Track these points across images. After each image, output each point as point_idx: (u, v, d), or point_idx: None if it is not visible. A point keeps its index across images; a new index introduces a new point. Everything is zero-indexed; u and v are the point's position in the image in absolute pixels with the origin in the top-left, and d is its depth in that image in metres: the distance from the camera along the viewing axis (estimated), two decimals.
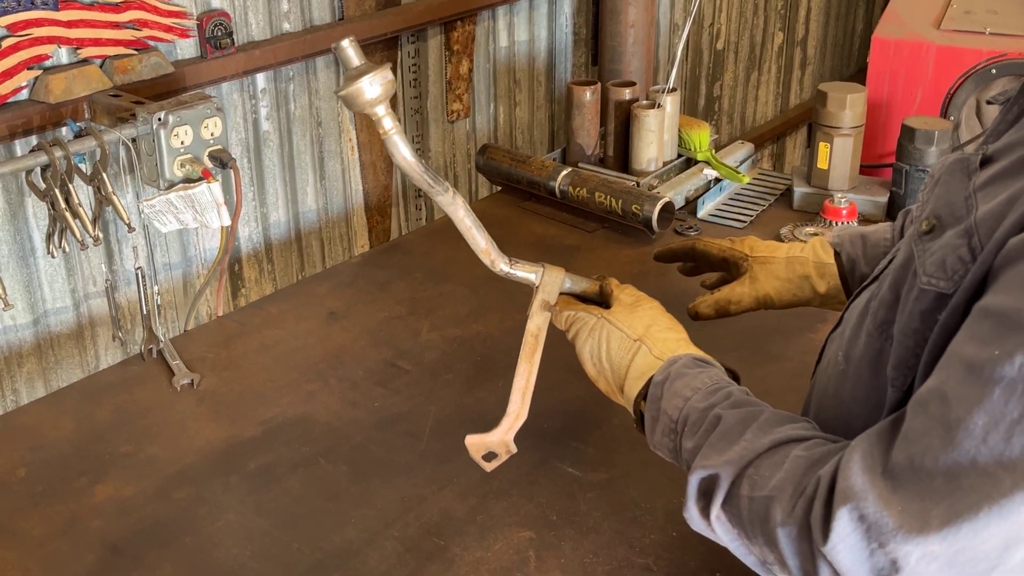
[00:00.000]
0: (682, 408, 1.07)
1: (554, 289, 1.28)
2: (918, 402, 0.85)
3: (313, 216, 2.44)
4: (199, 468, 1.57)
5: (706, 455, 0.99)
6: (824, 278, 1.45)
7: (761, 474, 0.94)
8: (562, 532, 1.43)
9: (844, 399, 1.05)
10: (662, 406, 1.10)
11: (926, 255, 0.90)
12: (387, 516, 1.46)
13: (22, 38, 1.77)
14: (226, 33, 2.06)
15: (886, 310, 0.97)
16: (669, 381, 1.10)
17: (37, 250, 1.93)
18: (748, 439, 0.97)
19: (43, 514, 1.48)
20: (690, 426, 1.05)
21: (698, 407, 1.05)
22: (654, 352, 1.15)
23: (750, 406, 1.03)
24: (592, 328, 1.21)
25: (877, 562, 0.83)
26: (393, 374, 1.79)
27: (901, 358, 0.93)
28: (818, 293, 1.45)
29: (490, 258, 1.25)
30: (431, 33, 2.58)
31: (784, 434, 0.97)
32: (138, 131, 1.71)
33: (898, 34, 2.67)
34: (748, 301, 1.47)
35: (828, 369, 1.11)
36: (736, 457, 0.96)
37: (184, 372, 1.77)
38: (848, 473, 0.86)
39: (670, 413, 1.08)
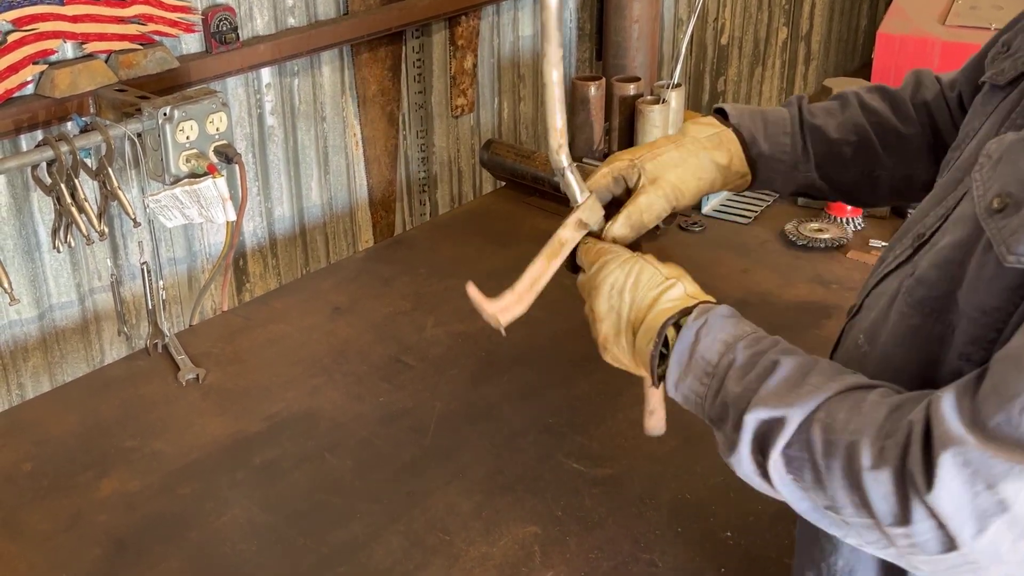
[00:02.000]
0: (724, 352, 1.02)
1: (595, 217, 1.21)
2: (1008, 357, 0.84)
3: (317, 211, 2.44)
4: (204, 463, 1.57)
5: (764, 399, 0.96)
6: (722, 148, 1.30)
7: (835, 417, 0.92)
8: (567, 527, 1.43)
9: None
10: (697, 349, 1.04)
11: (1005, 233, 0.88)
12: (392, 511, 1.47)
13: (27, 33, 1.77)
14: (231, 28, 2.06)
15: (927, 288, 0.97)
16: (707, 327, 1.04)
17: (42, 245, 1.93)
18: (813, 383, 0.95)
19: (48, 508, 1.48)
20: (737, 370, 1.01)
21: (746, 352, 1.01)
22: (690, 292, 1.09)
23: (800, 352, 1.01)
24: (625, 260, 1.13)
25: (982, 503, 0.83)
26: (398, 369, 1.79)
27: (976, 335, 0.92)
28: (721, 165, 1.30)
29: (559, 141, 1.15)
30: (435, 28, 2.57)
31: (851, 380, 0.95)
32: (143, 126, 1.71)
33: (903, 30, 2.66)
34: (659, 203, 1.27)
35: (847, 354, 1.10)
36: (803, 400, 0.94)
37: (189, 367, 1.77)
38: (942, 420, 0.85)
39: (708, 357, 1.03)
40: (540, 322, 1.93)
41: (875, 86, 1.39)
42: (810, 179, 1.34)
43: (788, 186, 1.36)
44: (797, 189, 1.37)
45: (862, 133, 1.32)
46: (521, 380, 1.75)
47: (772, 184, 1.36)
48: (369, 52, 2.41)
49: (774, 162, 1.33)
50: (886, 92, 1.37)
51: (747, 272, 2.07)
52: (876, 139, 1.32)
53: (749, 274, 2.07)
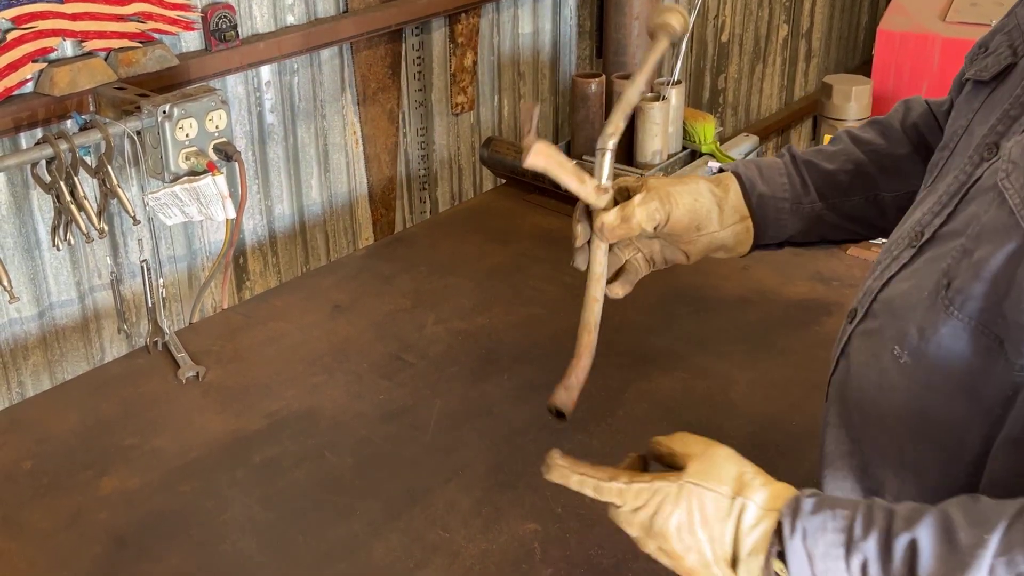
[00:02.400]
0: (849, 555, 0.92)
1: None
2: None
3: (317, 209, 2.44)
4: (205, 461, 1.57)
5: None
6: (720, 184, 1.34)
7: (1020, 570, 0.84)
8: (567, 525, 1.43)
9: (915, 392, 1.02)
10: (817, 566, 0.94)
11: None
12: (392, 508, 1.47)
13: (27, 31, 1.77)
14: (230, 26, 2.06)
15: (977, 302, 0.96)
16: (811, 539, 0.94)
17: (42, 243, 1.93)
18: (967, 544, 0.87)
19: (49, 506, 1.48)
20: (876, 568, 0.91)
21: (872, 545, 0.91)
22: (762, 504, 0.98)
23: (924, 514, 0.91)
24: (678, 496, 1.00)
25: None
26: (398, 367, 1.79)
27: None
28: (718, 195, 1.32)
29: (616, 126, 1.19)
30: (435, 26, 2.57)
31: (995, 520, 0.87)
32: (143, 124, 1.71)
33: (904, 26, 2.66)
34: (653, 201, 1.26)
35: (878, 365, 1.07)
36: (970, 569, 0.86)
37: (189, 365, 1.77)
38: None
39: (835, 566, 0.93)
40: (540, 320, 1.94)
41: (867, 120, 1.42)
42: (816, 211, 1.35)
43: (798, 224, 1.35)
44: (810, 228, 1.36)
45: (856, 160, 1.35)
46: (521, 377, 1.75)
47: (783, 226, 1.35)
48: (369, 50, 2.41)
49: (777, 201, 1.34)
50: (876, 122, 1.40)
51: (747, 270, 2.07)
52: (871, 164, 1.34)
53: (749, 272, 2.07)
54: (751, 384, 1.73)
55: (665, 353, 1.82)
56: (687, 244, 1.32)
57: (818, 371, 1.76)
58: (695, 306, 1.97)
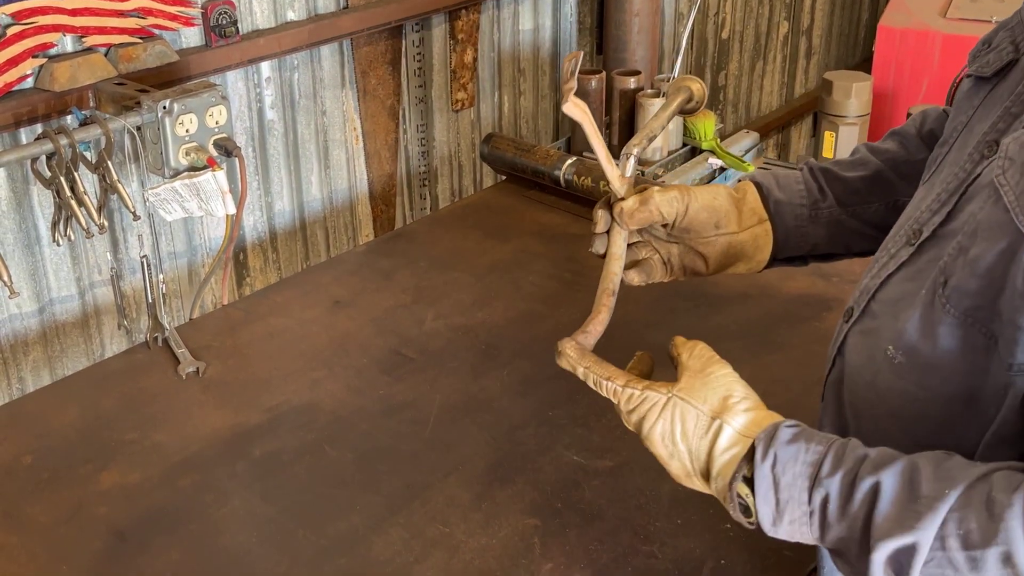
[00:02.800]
0: (812, 487, 0.96)
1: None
2: None
3: (318, 205, 2.44)
4: (205, 455, 1.57)
5: (884, 528, 0.91)
6: (739, 191, 1.35)
7: (969, 528, 0.88)
8: (567, 519, 1.43)
9: (908, 392, 1.02)
10: (782, 493, 0.97)
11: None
12: (392, 503, 1.47)
13: (27, 26, 1.77)
14: (231, 21, 2.06)
15: (972, 298, 0.95)
16: (779, 464, 0.97)
17: (42, 239, 1.93)
18: (927, 495, 0.90)
19: (49, 500, 1.48)
20: (836, 505, 0.94)
21: (836, 481, 0.95)
22: (739, 429, 1.02)
23: (893, 460, 0.94)
24: (664, 407, 1.07)
25: None
26: (398, 362, 1.79)
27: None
28: (735, 197, 1.33)
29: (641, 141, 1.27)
30: (436, 22, 2.57)
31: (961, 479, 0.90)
32: (143, 119, 1.71)
33: (904, 23, 2.66)
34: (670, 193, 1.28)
35: (872, 365, 1.07)
36: (926, 520, 0.89)
37: (189, 360, 1.77)
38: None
39: (798, 497, 0.96)
40: (540, 315, 1.94)
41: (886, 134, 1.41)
42: (836, 216, 1.33)
43: (820, 230, 1.34)
44: (833, 234, 1.35)
45: (874, 168, 1.34)
46: (521, 373, 1.75)
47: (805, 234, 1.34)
48: (369, 46, 2.41)
49: (795, 207, 1.33)
50: (894, 133, 1.39)
51: None
52: (890, 171, 1.33)
53: None
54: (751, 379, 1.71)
55: (665, 348, 1.81)
56: (705, 245, 1.31)
57: (818, 367, 1.76)
58: (695, 301, 1.97)
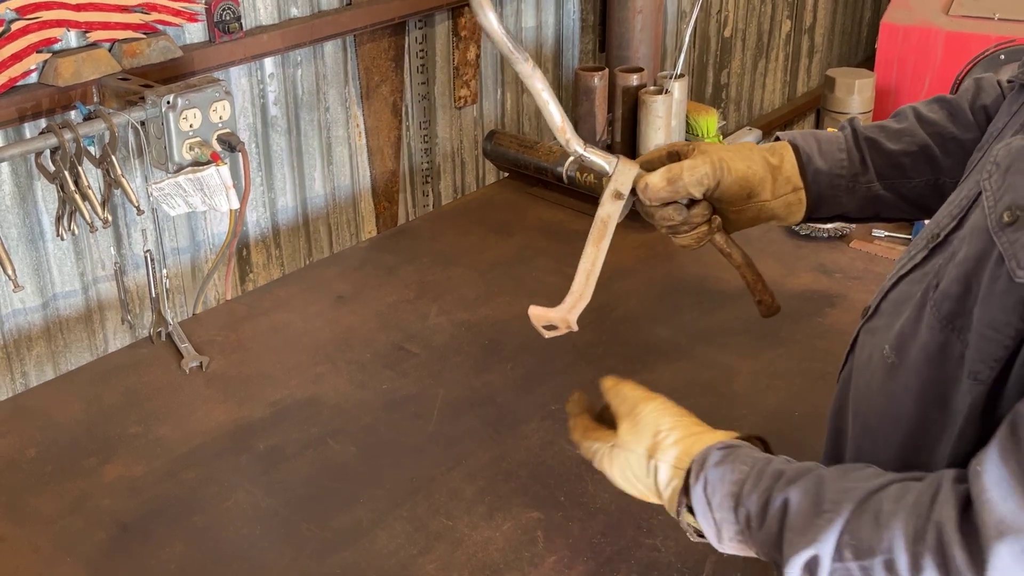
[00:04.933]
0: (737, 508, 1.01)
1: (627, 180, 1.23)
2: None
3: (321, 201, 2.44)
4: (208, 449, 1.57)
5: (792, 542, 0.95)
6: (776, 154, 1.31)
7: (860, 539, 0.91)
8: (570, 513, 1.43)
9: (895, 393, 1.03)
10: (715, 514, 1.03)
11: (1016, 247, 0.87)
12: (396, 496, 1.47)
13: (31, 21, 1.77)
14: (234, 17, 2.06)
15: (952, 303, 0.95)
16: (709, 487, 1.03)
17: (46, 233, 1.93)
18: (828, 509, 0.94)
19: (53, 492, 1.49)
20: (756, 521, 1.00)
21: (753, 500, 1.00)
22: (671, 463, 1.08)
23: (804, 476, 0.98)
24: (609, 457, 1.14)
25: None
26: (401, 357, 1.79)
27: (986, 352, 0.91)
28: (772, 165, 1.30)
29: (565, 136, 1.19)
30: (439, 19, 2.58)
31: (859, 491, 0.94)
32: (147, 114, 1.71)
33: (907, 20, 2.67)
34: (703, 166, 1.25)
35: (870, 364, 1.08)
36: (824, 532, 0.93)
37: (193, 355, 1.78)
38: (990, 504, 0.83)
39: (728, 517, 1.02)
40: None
41: (935, 97, 1.36)
42: (874, 191, 1.31)
43: (854, 201, 1.32)
44: (866, 205, 1.33)
45: (921, 143, 1.30)
46: (524, 367, 1.75)
47: (838, 202, 1.33)
48: (372, 42, 2.41)
49: (834, 178, 1.30)
50: (944, 101, 1.34)
51: None
52: (936, 148, 1.30)
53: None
54: (754, 375, 1.73)
55: (668, 344, 1.82)
56: (735, 212, 1.30)
57: (820, 362, 1.77)
58: (698, 297, 1.97)
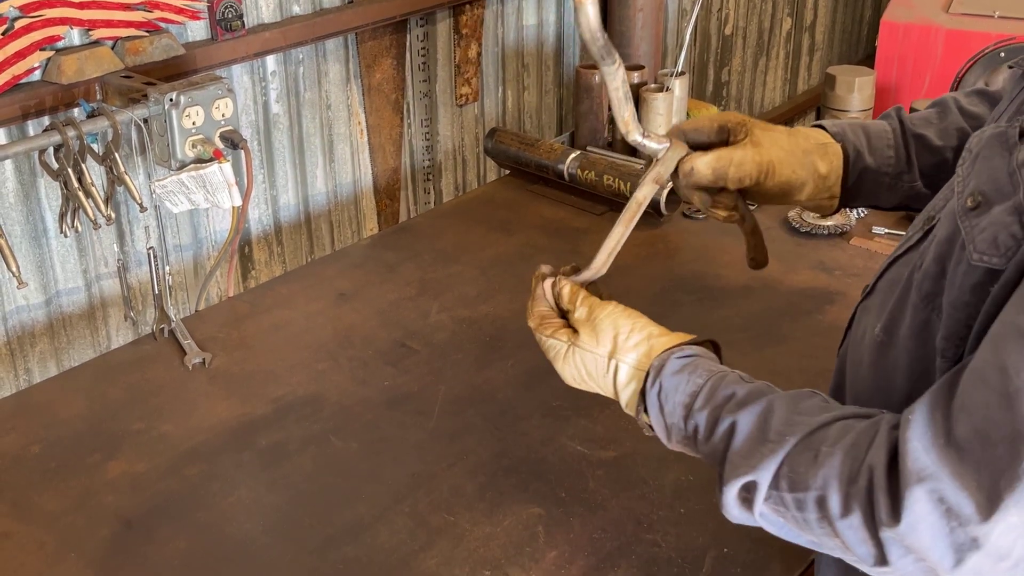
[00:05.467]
0: (687, 417, 1.07)
1: (670, 166, 1.27)
2: (975, 373, 0.86)
3: (323, 199, 2.45)
4: (211, 445, 1.58)
5: (735, 464, 1.00)
6: (826, 158, 1.32)
7: (797, 472, 0.95)
8: (571, 509, 1.44)
9: (885, 370, 1.06)
10: (666, 418, 1.09)
11: (975, 231, 0.91)
12: (397, 492, 1.48)
13: (35, 19, 1.78)
14: (236, 15, 2.07)
15: (931, 282, 0.98)
16: (663, 392, 1.09)
17: (49, 231, 1.94)
18: (772, 440, 0.98)
19: (57, 489, 1.49)
20: (703, 435, 1.05)
21: (704, 415, 1.05)
22: (633, 364, 1.13)
23: (756, 401, 1.02)
24: (565, 355, 1.19)
25: (957, 539, 0.84)
26: (403, 354, 1.80)
27: (952, 330, 0.95)
28: (819, 173, 1.31)
29: (627, 128, 1.24)
30: (440, 17, 2.58)
31: (804, 425, 0.97)
32: (150, 111, 1.72)
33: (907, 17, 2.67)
34: (750, 165, 1.27)
35: (864, 341, 1.11)
36: (766, 461, 0.97)
37: (196, 351, 1.78)
38: (913, 453, 0.86)
39: (678, 424, 1.08)
40: None
41: (974, 90, 1.37)
42: (915, 189, 1.33)
43: (892, 199, 1.35)
44: (901, 202, 1.36)
45: (964, 138, 1.29)
46: (525, 364, 1.76)
47: (877, 198, 1.35)
48: (374, 40, 2.42)
49: (879, 175, 1.33)
50: (985, 95, 1.35)
51: None
52: None
53: None
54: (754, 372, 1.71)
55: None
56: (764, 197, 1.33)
57: (820, 359, 1.78)
58: (698, 295, 1.98)
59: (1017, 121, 0.95)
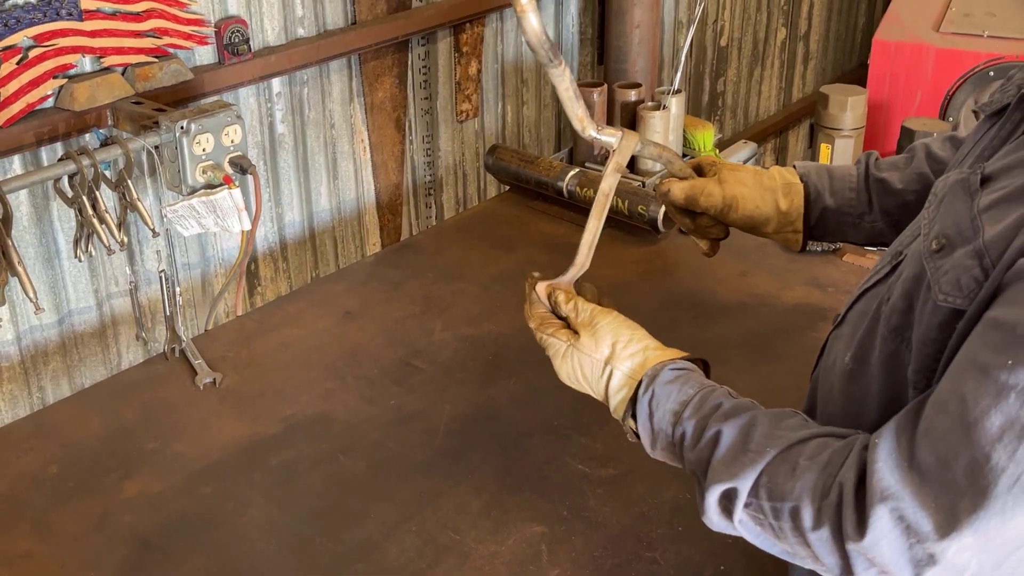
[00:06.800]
0: (675, 424, 1.14)
1: (627, 153, 1.36)
2: (938, 402, 0.93)
3: (327, 215, 2.50)
4: (224, 464, 1.63)
5: (717, 471, 1.07)
6: (788, 196, 1.49)
7: (775, 483, 1.02)
8: (572, 527, 1.49)
9: (855, 396, 1.13)
10: (655, 424, 1.16)
11: (939, 273, 0.98)
12: (405, 511, 1.53)
13: (48, 48, 1.83)
14: (243, 40, 2.11)
15: (899, 317, 1.05)
16: (655, 400, 1.16)
17: (62, 252, 1.98)
18: (754, 450, 1.05)
19: (76, 509, 1.54)
20: (689, 442, 1.12)
21: (692, 423, 1.12)
22: (627, 372, 1.21)
23: (742, 414, 1.10)
24: (564, 355, 1.27)
25: (916, 555, 0.92)
26: (408, 372, 1.85)
27: (921, 364, 1.01)
28: (780, 210, 1.49)
29: (582, 124, 1.32)
30: (441, 35, 2.63)
31: (785, 440, 1.04)
32: (161, 139, 1.77)
33: (898, 36, 2.72)
34: (716, 197, 1.50)
35: (834, 368, 1.18)
36: (747, 470, 1.04)
37: (206, 371, 1.83)
38: (879, 473, 0.93)
39: (666, 430, 1.15)
40: None
41: (947, 136, 1.47)
42: (878, 228, 1.46)
43: (858, 236, 1.49)
44: (867, 239, 1.49)
45: (926, 182, 1.41)
46: (527, 382, 1.81)
47: (844, 234, 1.50)
48: (376, 60, 2.46)
49: (841, 215, 1.47)
50: (955, 140, 1.45)
51: (745, 275, 2.13)
52: None
53: (747, 277, 2.12)
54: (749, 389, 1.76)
55: None
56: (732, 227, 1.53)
57: None
58: (694, 311, 2.02)
59: (979, 167, 1.01)
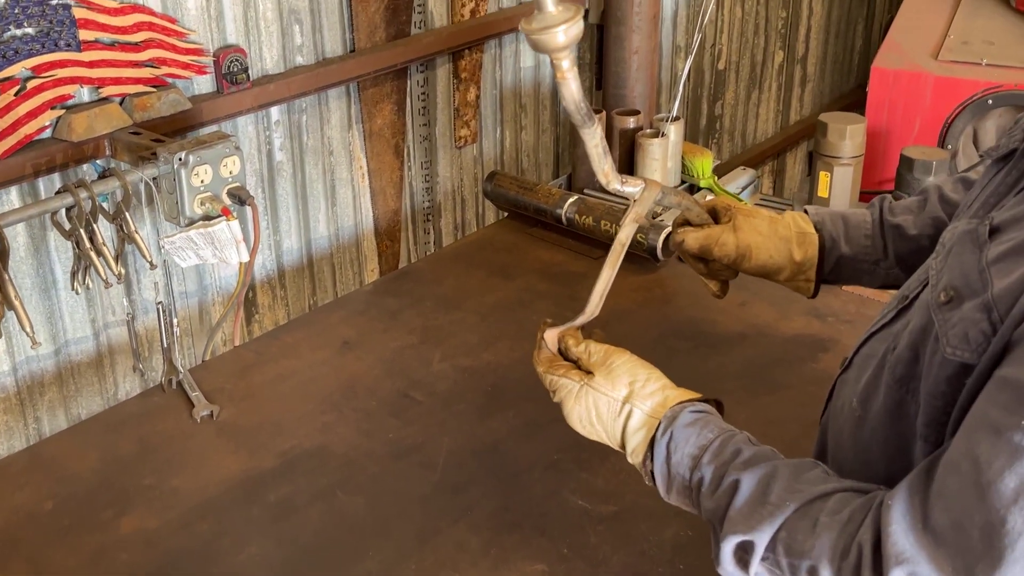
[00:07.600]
0: (693, 469, 1.12)
1: (648, 204, 1.37)
2: (950, 462, 0.92)
3: (325, 242, 2.49)
4: (221, 500, 1.62)
5: (734, 522, 1.05)
6: (803, 247, 1.47)
7: (794, 538, 1.00)
8: (573, 565, 1.48)
9: (863, 444, 1.12)
10: (672, 468, 1.14)
11: (948, 326, 0.96)
12: (404, 548, 1.51)
13: (46, 79, 1.82)
14: (241, 68, 2.11)
15: (904, 367, 1.04)
16: (674, 442, 1.14)
17: (59, 282, 1.98)
18: (773, 502, 1.03)
19: (72, 546, 1.53)
20: (707, 489, 1.10)
21: (711, 469, 1.10)
22: (647, 411, 1.19)
23: (762, 464, 1.07)
24: (577, 395, 1.23)
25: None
26: (406, 405, 1.84)
27: (931, 416, 1.00)
28: (794, 260, 1.47)
29: (607, 179, 1.32)
30: (439, 62, 2.63)
31: (805, 494, 1.02)
32: (159, 171, 1.76)
33: (897, 64, 2.72)
34: (730, 247, 1.47)
35: (843, 414, 1.17)
36: (766, 523, 1.02)
37: (203, 404, 1.82)
38: (893, 536, 0.92)
39: (683, 474, 1.13)
40: None
41: (960, 177, 1.46)
42: (893, 274, 1.45)
43: (873, 281, 1.48)
44: (882, 284, 1.47)
45: (939, 226, 1.39)
46: (525, 415, 1.80)
47: (859, 280, 1.49)
48: (375, 87, 2.46)
49: (857, 263, 1.46)
50: (967, 181, 1.44)
51: (745, 305, 2.12)
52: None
53: (747, 307, 2.12)
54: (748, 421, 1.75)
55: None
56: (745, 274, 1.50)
57: (815, 407, 1.81)
58: (693, 341, 2.02)
59: (988, 217, 1.00)
